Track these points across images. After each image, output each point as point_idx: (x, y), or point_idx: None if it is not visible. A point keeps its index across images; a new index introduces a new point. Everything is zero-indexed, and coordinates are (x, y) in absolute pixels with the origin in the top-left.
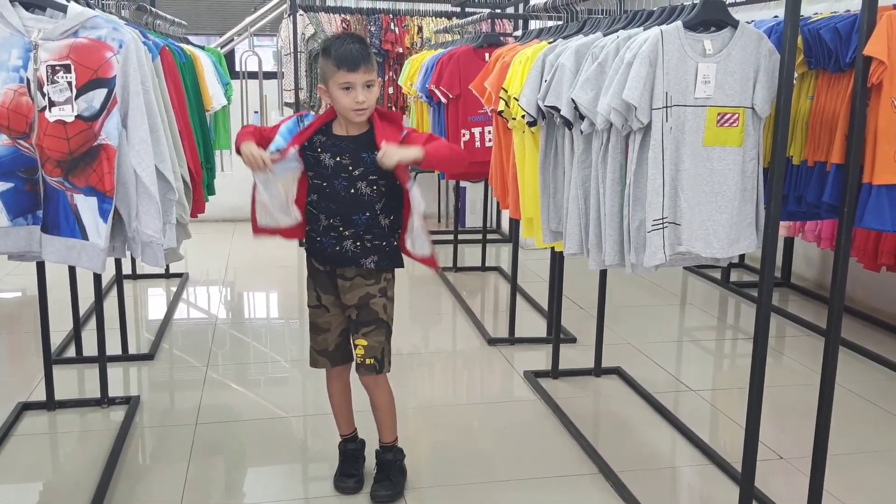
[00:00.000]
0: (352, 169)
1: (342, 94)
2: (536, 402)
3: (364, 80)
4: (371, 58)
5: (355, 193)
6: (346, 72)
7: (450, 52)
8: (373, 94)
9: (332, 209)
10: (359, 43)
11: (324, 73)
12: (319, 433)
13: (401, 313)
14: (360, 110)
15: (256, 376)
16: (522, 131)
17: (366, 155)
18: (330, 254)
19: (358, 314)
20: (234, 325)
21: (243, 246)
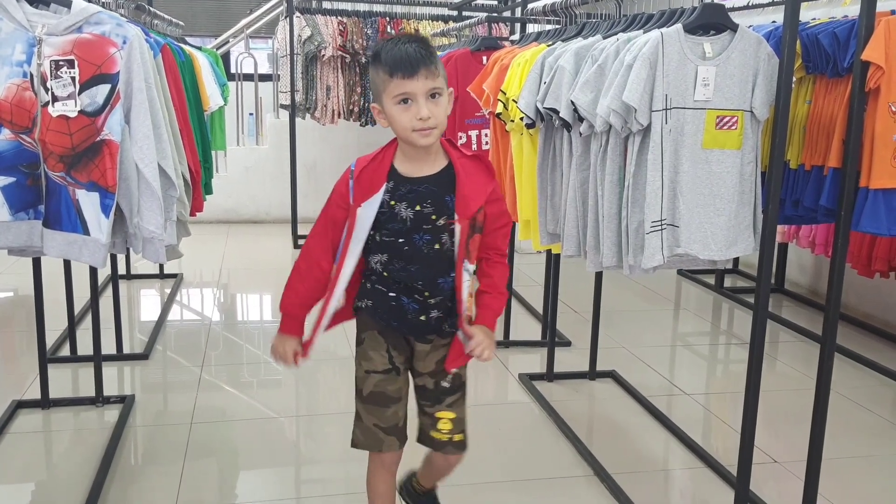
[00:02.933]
0: (435, 218)
1: (399, 110)
2: (531, 404)
3: (427, 88)
4: (435, 60)
5: (440, 249)
6: (402, 79)
7: (447, 55)
8: (441, 106)
9: (411, 273)
10: (417, 42)
11: (376, 86)
12: (312, 435)
13: None
14: (425, 130)
15: (250, 378)
16: (521, 133)
17: (449, 198)
18: (410, 322)
19: (437, 382)
20: (228, 327)
21: (237, 247)
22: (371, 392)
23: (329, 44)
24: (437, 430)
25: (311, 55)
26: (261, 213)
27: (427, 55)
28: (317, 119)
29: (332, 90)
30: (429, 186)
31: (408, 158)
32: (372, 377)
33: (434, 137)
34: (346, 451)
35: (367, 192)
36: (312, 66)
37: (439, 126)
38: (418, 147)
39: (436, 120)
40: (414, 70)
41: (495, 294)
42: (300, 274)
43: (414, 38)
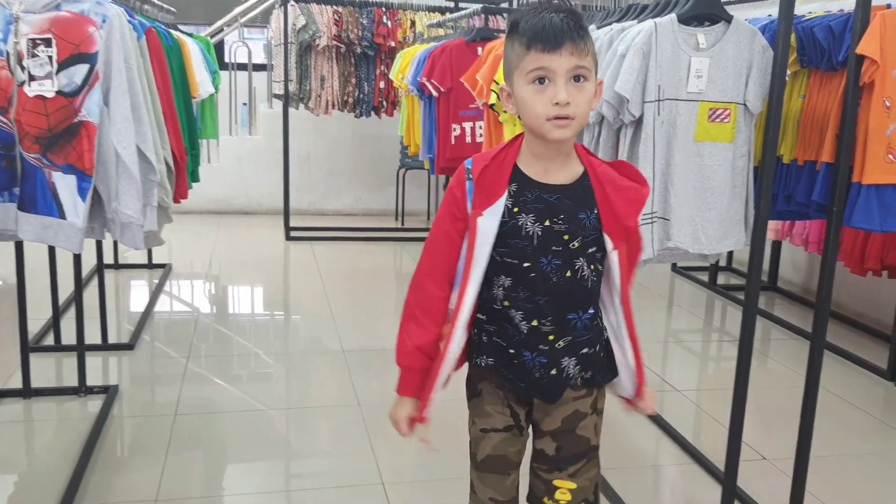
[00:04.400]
0: (568, 239)
1: (532, 91)
2: None
3: (570, 67)
4: (586, 36)
5: (573, 278)
6: (541, 52)
7: (442, 45)
8: (585, 93)
9: (538, 305)
10: (566, 13)
11: (508, 63)
12: (302, 428)
13: (393, 308)
14: (561, 120)
15: (238, 370)
16: (513, 125)
17: (585, 215)
18: (540, 381)
19: (559, 446)
20: (216, 318)
21: (228, 238)
22: (489, 456)
23: (324, 33)
24: (553, 500)
25: (305, 44)
26: (253, 203)
27: (576, 28)
28: (311, 110)
29: (326, 80)
30: (561, 198)
31: (535, 157)
32: (490, 437)
33: (571, 131)
34: (335, 444)
35: (488, 196)
36: (307, 56)
37: (579, 117)
38: (549, 142)
39: (576, 108)
40: (557, 43)
41: (638, 349)
42: (412, 312)
43: (563, 8)
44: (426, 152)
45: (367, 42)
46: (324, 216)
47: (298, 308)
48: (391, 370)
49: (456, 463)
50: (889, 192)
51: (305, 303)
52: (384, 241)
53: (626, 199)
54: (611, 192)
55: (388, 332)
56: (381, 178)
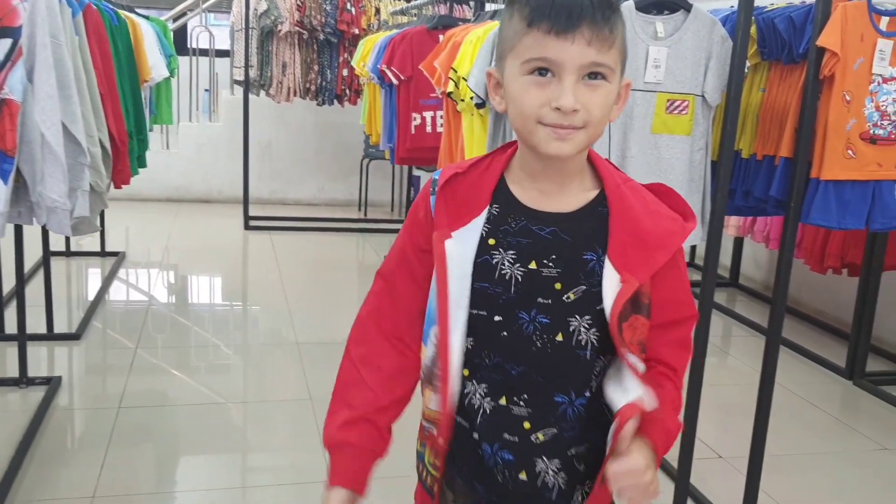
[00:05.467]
0: (561, 288)
1: (526, 84)
2: None
3: (584, 61)
4: (613, 19)
5: (565, 343)
6: (546, 33)
7: (403, 33)
8: (601, 97)
9: (509, 378)
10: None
11: (502, 41)
12: (250, 422)
13: (351, 302)
14: (561, 129)
15: (188, 361)
16: (471, 114)
17: (591, 257)
18: (503, 487)
19: None
20: (169, 308)
21: (186, 226)
22: None
23: (286, 19)
24: None
25: (266, 30)
26: (213, 192)
27: (601, 7)
28: (272, 96)
29: (288, 67)
30: (557, 232)
31: (528, 175)
32: None
33: (574, 145)
34: (284, 440)
35: (459, 213)
36: (268, 42)
37: (590, 127)
38: (543, 156)
39: (586, 116)
40: (571, 23)
41: (668, 407)
42: (352, 375)
43: None
44: (386, 142)
45: (330, 29)
46: (285, 206)
47: (254, 299)
48: None
49: (407, 460)
50: (848, 188)
51: (261, 294)
52: (346, 232)
53: (658, 230)
54: (639, 219)
55: (346, 324)
56: (345, 168)
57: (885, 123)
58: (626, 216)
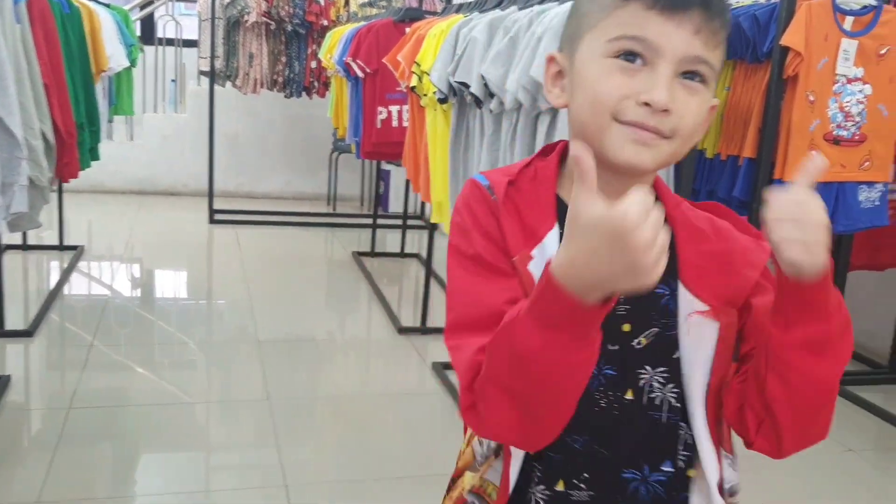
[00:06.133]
0: (630, 331)
1: (608, 67)
2: (443, 395)
3: (690, 53)
4: (726, 10)
5: (635, 403)
6: (649, 8)
7: (369, 25)
8: (697, 103)
9: (570, 452)
10: None
11: (579, 17)
12: (204, 422)
13: (316, 299)
14: (648, 131)
15: (145, 359)
16: (434, 109)
17: (663, 290)
18: None
19: None
20: (127, 303)
21: (149, 220)
22: None
23: (253, 9)
24: None
25: (233, 20)
26: (178, 184)
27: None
28: (238, 88)
29: (255, 58)
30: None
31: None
32: None
33: (654, 157)
34: (238, 442)
35: (529, 228)
36: (235, 32)
37: (676, 139)
38: (613, 164)
39: (677, 122)
40: (684, 3)
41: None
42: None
43: None
44: (352, 135)
45: (298, 20)
46: (253, 199)
47: (216, 295)
48: (305, 364)
49: (370, 466)
50: None
51: (223, 289)
52: (314, 227)
53: (736, 248)
54: (709, 240)
55: (307, 322)
56: (313, 161)
57: (849, 124)
58: (695, 237)
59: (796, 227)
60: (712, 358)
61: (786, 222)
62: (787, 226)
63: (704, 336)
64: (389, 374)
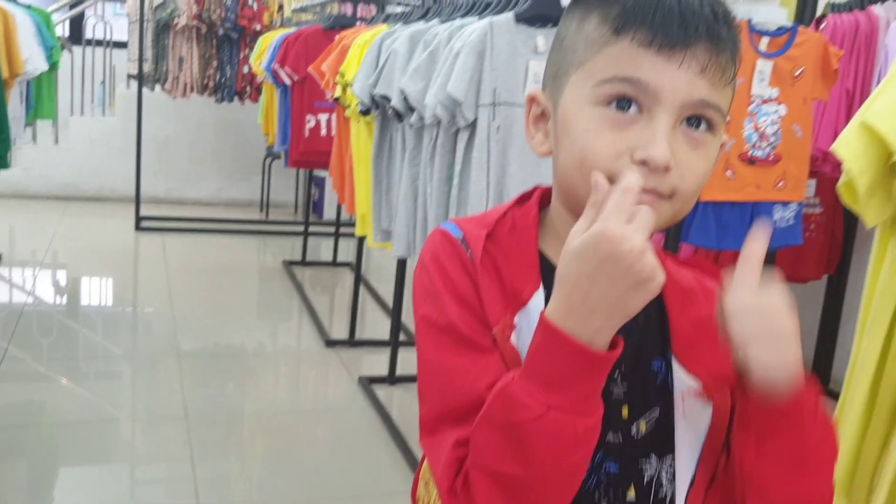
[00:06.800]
0: (629, 416)
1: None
2: (368, 410)
3: (693, 98)
4: (736, 40)
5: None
6: (645, 47)
7: (297, 32)
8: (702, 158)
9: None
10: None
11: (565, 51)
12: (114, 440)
13: (243, 310)
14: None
15: (56, 373)
16: (358, 120)
17: (659, 365)
18: None
19: None
20: (45, 313)
21: (72, 227)
22: None
23: (183, 12)
24: None
25: (163, 23)
26: (105, 190)
27: (726, 19)
28: (167, 92)
29: (185, 62)
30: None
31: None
32: None
33: (658, 221)
34: (151, 460)
35: (509, 291)
36: (164, 35)
37: (676, 200)
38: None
39: (678, 182)
40: (685, 36)
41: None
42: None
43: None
44: (280, 143)
45: (230, 24)
46: (183, 205)
47: (138, 305)
48: (229, 377)
49: (282, 483)
50: (727, 209)
51: (146, 299)
52: (245, 235)
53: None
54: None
55: (233, 335)
56: (246, 167)
57: (764, 145)
58: (685, 301)
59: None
60: (701, 447)
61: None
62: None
63: (699, 419)
64: (315, 389)
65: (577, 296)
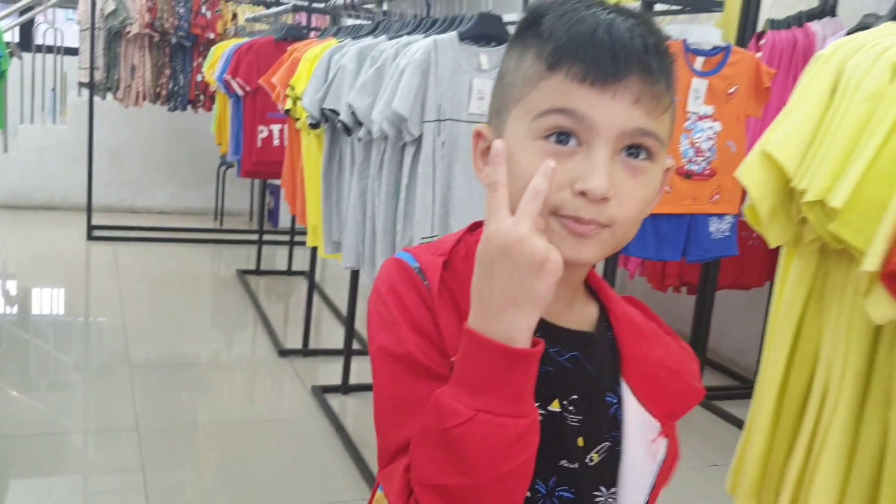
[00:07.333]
0: (584, 445)
1: (536, 154)
2: (321, 419)
3: (629, 127)
4: (670, 68)
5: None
6: (579, 82)
7: (249, 43)
8: (642, 186)
9: None
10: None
11: (508, 86)
12: (62, 454)
13: (196, 320)
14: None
15: (15, 381)
16: (308, 133)
17: (612, 399)
18: None
19: None
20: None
21: (21, 236)
22: None
23: (135, 20)
24: None
25: (114, 31)
26: (56, 198)
27: (656, 52)
28: (119, 100)
29: (137, 70)
30: (580, 360)
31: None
32: None
33: (596, 249)
34: (103, 473)
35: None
36: (116, 43)
37: (621, 226)
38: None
39: (616, 211)
40: (616, 69)
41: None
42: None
43: (632, 13)
44: (233, 153)
45: (183, 32)
46: (136, 214)
47: (90, 315)
48: (179, 388)
49: (234, 494)
50: (664, 221)
51: (98, 310)
52: (199, 243)
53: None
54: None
55: (186, 345)
56: (200, 175)
57: (700, 160)
58: (638, 338)
59: None
60: (654, 479)
61: None
62: None
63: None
64: (269, 398)
65: (485, 297)
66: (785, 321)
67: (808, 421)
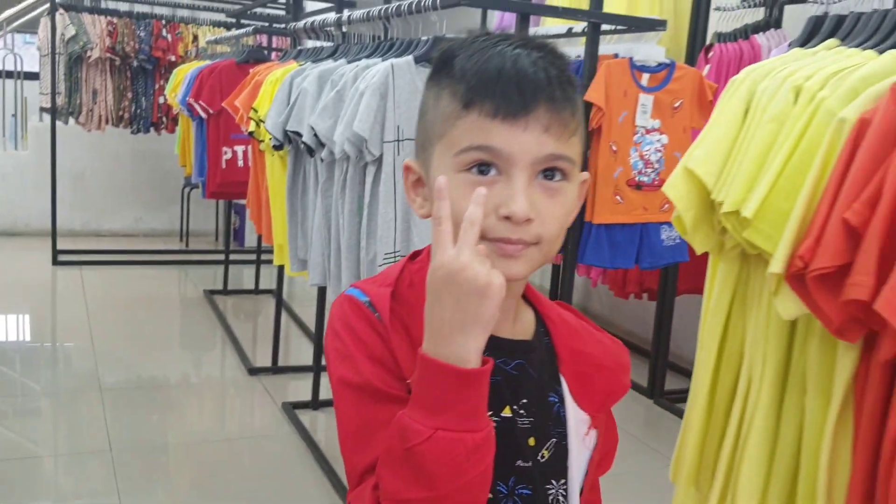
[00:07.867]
0: (535, 444)
1: (465, 182)
2: (292, 435)
3: (542, 154)
4: (574, 95)
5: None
6: (490, 118)
7: (211, 66)
8: (560, 204)
9: None
10: (541, 52)
11: (428, 125)
12: (35, 477)
13: (164, 342)
14: (513, 244)
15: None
16: (272, 154)
17: (554, 399)
18: None
19: None
20: None
21: None
22: None
23: (96, 45)
24: None
25: (75, 56)
26: (19, 224)
27: (560, 82)
28: (81, 125)
29: (99, 94)
30: (525, 367)
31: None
32: None
33: (525, 265)
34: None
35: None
36: (77, 68)
37: (546, 243)
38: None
39: (539, 230)
40: (524, 103)
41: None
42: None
43: (536, 44)
44: (197, 175)
45: (144, 55)
46: (101, 237)
47: (57, 340)
48: (150, 410)
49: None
50: (618, 231)
51: (65, 334)
52: (166, 265)
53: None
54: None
55: (155, 367)
56: (165, 197)
57: (649, 171)
58: (574, 339)
59: None
60: (585, 470)
61: None
62: None
63: (587, 447)
64: (240, 417)
65: (436, 323)
66: (713, 322)
67: (736, 411)
